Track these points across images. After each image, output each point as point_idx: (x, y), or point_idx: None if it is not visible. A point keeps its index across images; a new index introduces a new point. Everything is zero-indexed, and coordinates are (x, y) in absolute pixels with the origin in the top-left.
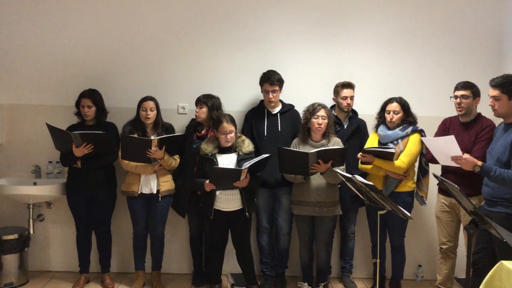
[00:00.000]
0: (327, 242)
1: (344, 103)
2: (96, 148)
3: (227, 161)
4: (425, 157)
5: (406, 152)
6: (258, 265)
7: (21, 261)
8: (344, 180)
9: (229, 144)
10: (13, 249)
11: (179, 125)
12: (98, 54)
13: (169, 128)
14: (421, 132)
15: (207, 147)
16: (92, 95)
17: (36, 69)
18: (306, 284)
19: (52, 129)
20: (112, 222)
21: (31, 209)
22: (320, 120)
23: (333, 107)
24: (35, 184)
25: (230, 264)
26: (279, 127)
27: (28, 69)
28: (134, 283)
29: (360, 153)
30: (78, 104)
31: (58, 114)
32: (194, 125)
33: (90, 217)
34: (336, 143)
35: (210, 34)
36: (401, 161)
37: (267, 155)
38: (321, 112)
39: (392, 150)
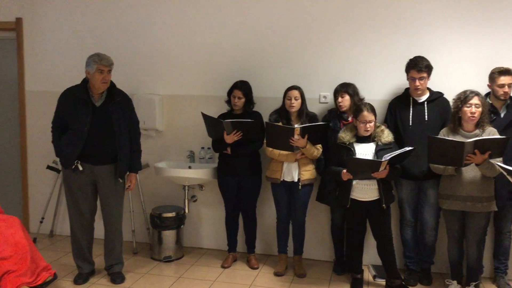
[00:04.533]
0: (479, 240)
1: (501, 91)
2: (245, 135)
3: (364, 150)
4: None
5: None
6: (402, 259)
7: (178, 237)
8: (506, 174)
9: (368, 134)
10: (171, 226)
11: (321, 114)
12: (246, 47)
13: (313, 117)
14: None
15: (344, 136)
16: (243, 87)
17: (190, 63)
18: (455, 282)
19: (206, 118)
20: (258, 206)
21: (186, 190)
22: (473, 109)
23: (487, 94)
24: (189, 167)
25: (373, 256)
26: (426, 117)
27: (183, 64)
28: (277, 265)
29: None
30: (230, 93)
31: (209, 103)
32: (334, 115)
33: (238, 200)
34: (492, 133)
35: (351, 20)
36: None
37: (410, 148)
38: (474, 100)
39: None
